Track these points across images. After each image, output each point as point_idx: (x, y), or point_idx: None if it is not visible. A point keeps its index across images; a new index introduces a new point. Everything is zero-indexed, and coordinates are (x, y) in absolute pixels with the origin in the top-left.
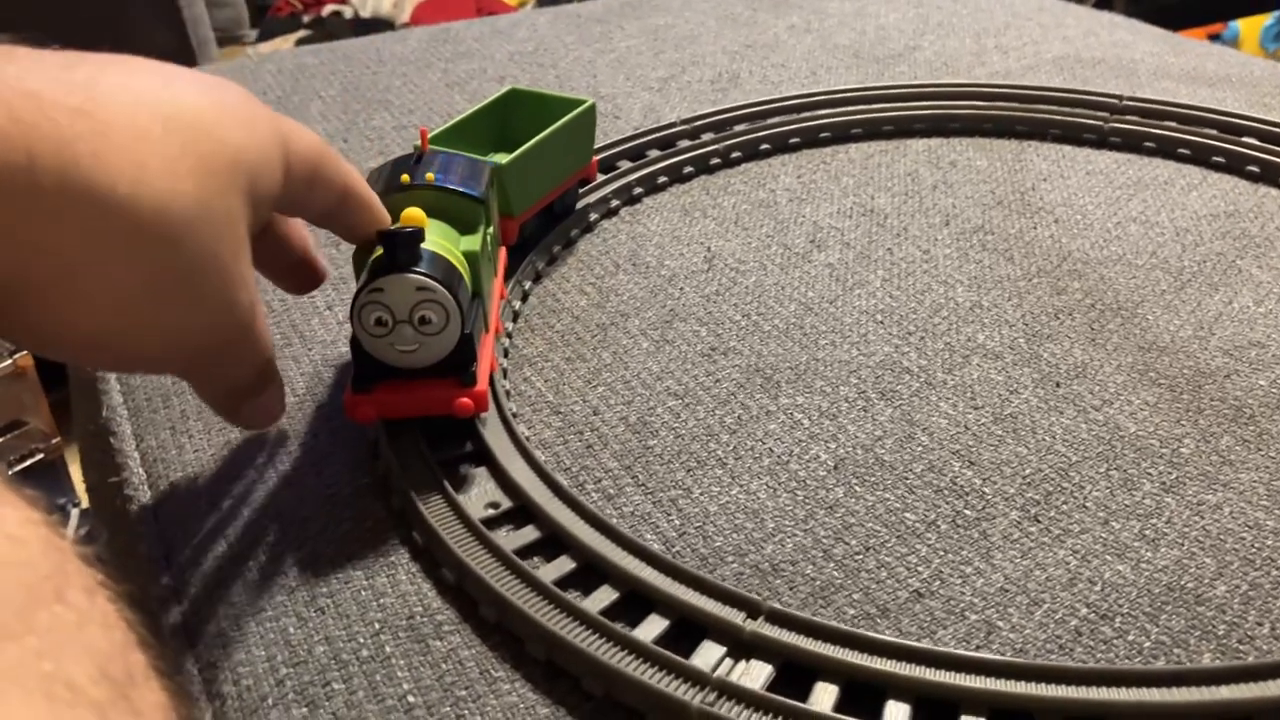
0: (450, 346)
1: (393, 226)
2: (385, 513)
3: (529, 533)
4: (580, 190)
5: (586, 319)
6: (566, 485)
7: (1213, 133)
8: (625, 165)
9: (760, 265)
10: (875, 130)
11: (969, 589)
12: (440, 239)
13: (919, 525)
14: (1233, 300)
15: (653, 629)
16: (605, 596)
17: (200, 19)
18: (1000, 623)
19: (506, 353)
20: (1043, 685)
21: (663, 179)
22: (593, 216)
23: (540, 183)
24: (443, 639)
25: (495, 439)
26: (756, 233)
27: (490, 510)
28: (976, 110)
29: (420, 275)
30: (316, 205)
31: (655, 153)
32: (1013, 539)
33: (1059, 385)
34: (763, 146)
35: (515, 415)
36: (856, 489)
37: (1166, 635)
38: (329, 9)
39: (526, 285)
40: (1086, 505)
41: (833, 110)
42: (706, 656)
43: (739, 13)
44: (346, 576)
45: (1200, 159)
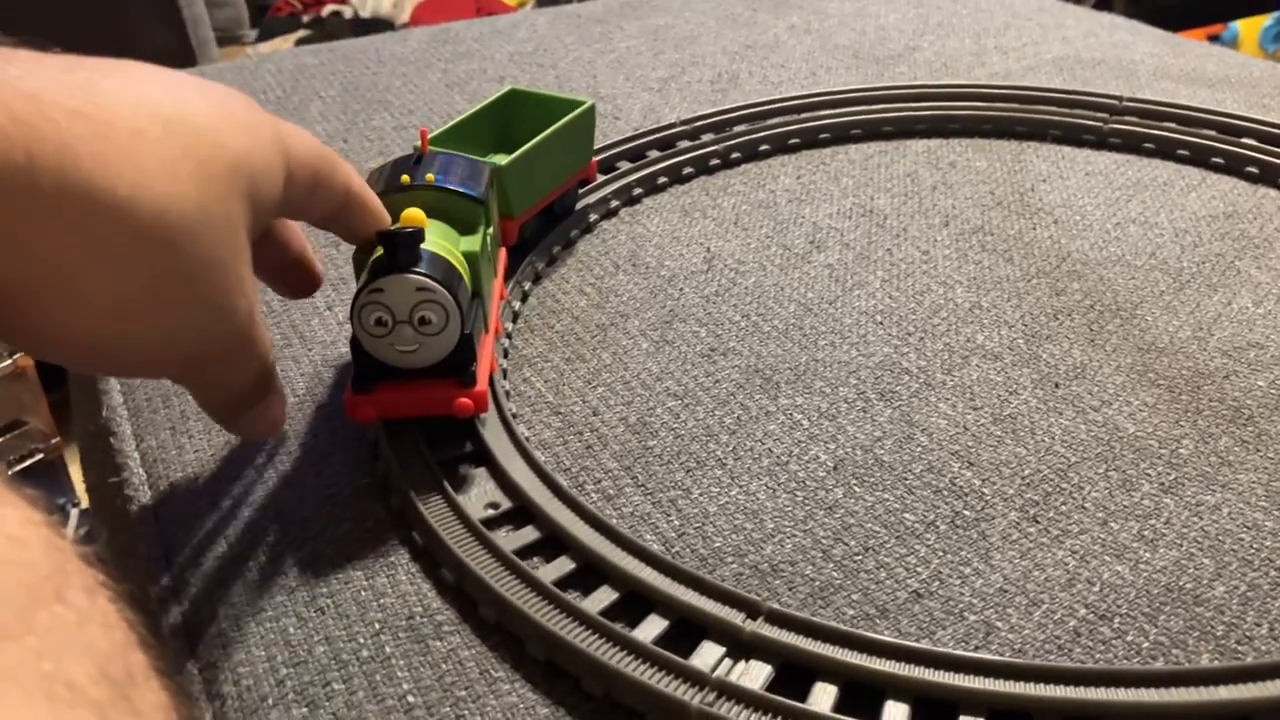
0: (450, 347)
1: (393, 227)
2: (385, 513)
3: (529, 533)
4: (580, 191)
5: (586, 319)
6: (566, 486)
7: (1212, 134)
8: (625, 166)
9: (760, 266)
10: (875, 131)
11: (968, 589)
12: (440, 239)
13: (918, 526)
14: (1231, 301)
15: (652, 629)
16: (605, 597)
17: (200, 19)
18: (999, 623)
19: (506, 353)
20: (1041, 686)
21: (662, 180)
22: (592, 217)
23: (540, 183)
24: (443, 639)
25: (495, 439)
26: (756, 233)
27: (490, 511)
28: (976, 111)
29: (420, 276)
30: (318, 209)
31: (655, 153)
32: (1012, 539)
33: (1058, 386)
34: (762, 147)
35: (515, 416)
36: (856, 490)
37: (1165, 636)
38: (329, 9)
39: (526, 286)
40: (1085, 506)
41: (832, 111)
42: (706, 657)
43: (739, 13)
44: (346, 577)
45: (1199, 160)
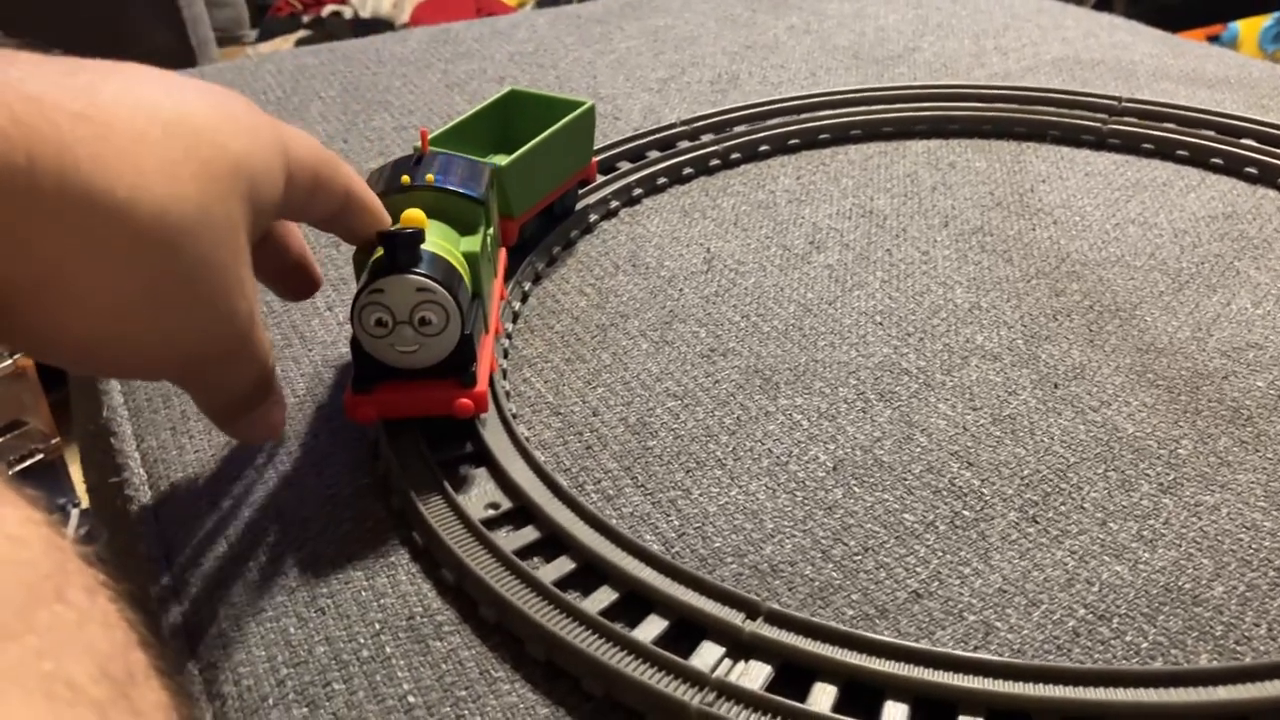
0: (450, 347)
1: (393, 228)
2: (385, 513)
3: (529, 533)
4: (580, 191)
5: (586, 320)
6: (566, 486)
7: (1211, 134)
8: (625, 166)
9: (759, 266)
10: (874, 131)
11: (967, 590)
12: (440, 240)
13: (917, 526)
14: (1231, 302)
15: (652, 629)
16: (605, 597)
17: (200, 19)
18: (998, 623)
19: (506, 353)
20: (1040, 686)
21: (662, 180)
22: (592, 217)
23: (540, 184)
24: (443, 639)
25: (495, 440)
26: (756, 234)
27: (490, 511)
28: (975, 112)
29: (420, 276)
30: (318, 211)
31: (655, 154)
32: (1011, 540)
33: (1057, 386)
34: (762, 148)
35: (515, 416)
36: (855, 490)
37: (1164, 636)
38: (329, 9)
39: (526, 286)
40: (1084, 506)
41: (832, 111)
42: (706, 657)
43: (739, 14)
44: (347, 577)
45: (1199, 160)
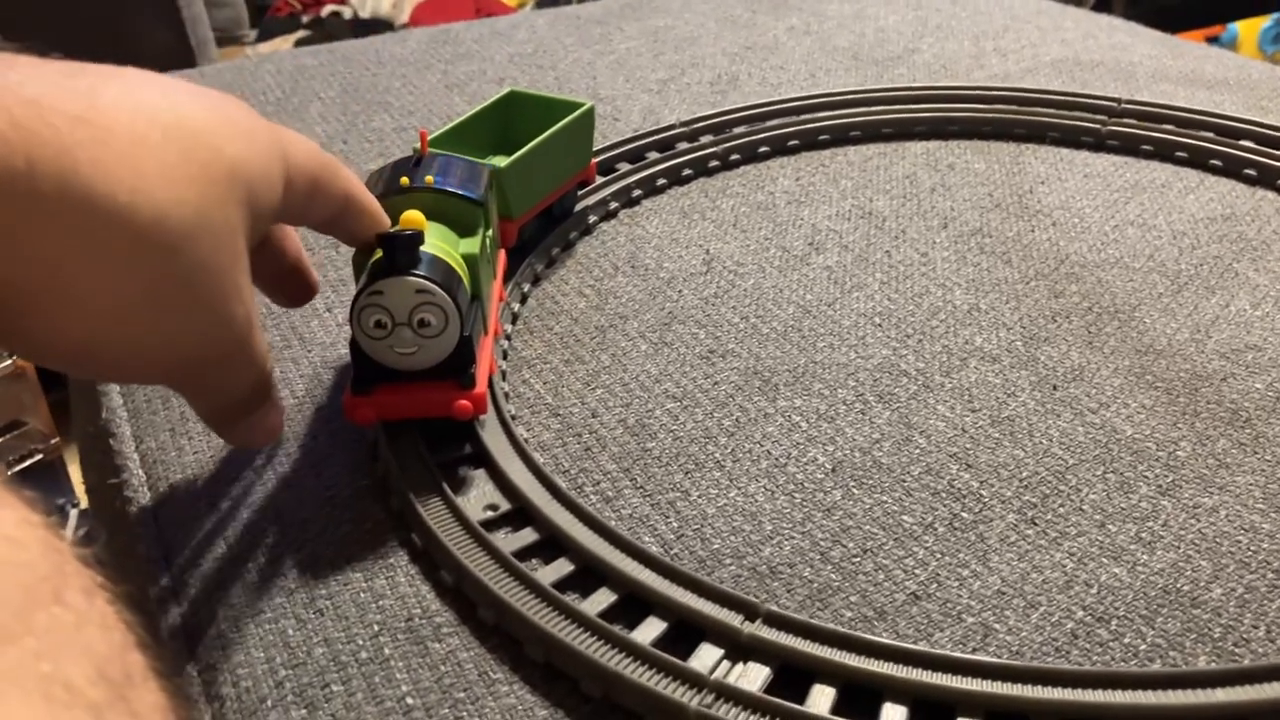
0: (449, 349)
1: (392, 229)
2: (384, 515)
3: (527, 535)
4: (579, 193)
5: (585, 321)
6: (565, 487)
7: (1210, 136)
8: (624, 167)
9: (759, 268)
10: (874, 133)
11: (966, 591)
12: (439, 241)
13: (916, 528)
14: (1229, 303)
15: (651, 631)
16: (604, 599)
17: (199, 19)
18: (997, 625)
19: (505, 355)
20: (1039, 688)
21: (661, 181)
22: (591, 219)
23: (539, 185)
24: (441, 641)
25: (494, 441)
26: (755, 235)
27: (489, 512)
28: (975, 113)
29: (419, 278)
30: (317, 215)
31: (654, 155)
32: (1009, 541)
33: (1056, 388)
34: (761, 149)
35: (514, 417)
36: (854, 491)
37: (1162, 638)
38: (328, 9)
39: (525, 288)
40: (1083, 508)
41: (831, 113)
42: (704, 659)
43: (738, 15)
44: (345, 578)
45: (1198, 162)
